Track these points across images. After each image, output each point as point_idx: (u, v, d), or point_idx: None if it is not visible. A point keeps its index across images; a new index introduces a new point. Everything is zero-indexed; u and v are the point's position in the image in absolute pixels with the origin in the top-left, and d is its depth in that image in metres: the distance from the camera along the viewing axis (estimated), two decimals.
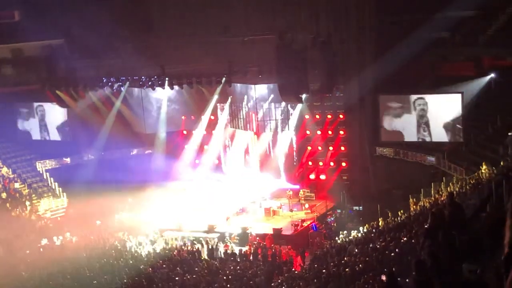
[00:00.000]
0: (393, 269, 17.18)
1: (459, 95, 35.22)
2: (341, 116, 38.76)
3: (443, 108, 35.94)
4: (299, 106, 39.47)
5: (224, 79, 39.06)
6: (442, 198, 25.04)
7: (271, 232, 33.76)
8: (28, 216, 37.43)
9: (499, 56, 35.99)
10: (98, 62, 41.43)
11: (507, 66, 35.33)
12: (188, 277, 26.40)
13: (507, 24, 34.32)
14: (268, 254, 30.37)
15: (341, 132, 38.91)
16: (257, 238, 32.96)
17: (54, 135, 45.51)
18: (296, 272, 27.45)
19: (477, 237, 10.55)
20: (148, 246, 32.97)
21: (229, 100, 41.88)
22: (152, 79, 39.85)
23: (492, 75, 35.40)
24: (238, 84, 40.29)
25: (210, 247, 32.23)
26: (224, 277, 26.31)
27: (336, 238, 31.55)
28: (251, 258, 30.43)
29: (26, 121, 45.89)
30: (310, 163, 40.33)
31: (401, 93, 37.19)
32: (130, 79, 40.89)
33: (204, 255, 31.68)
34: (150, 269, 28.21)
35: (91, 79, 41.67)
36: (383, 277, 16.12)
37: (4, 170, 41.01)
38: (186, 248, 32.08)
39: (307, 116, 39.80)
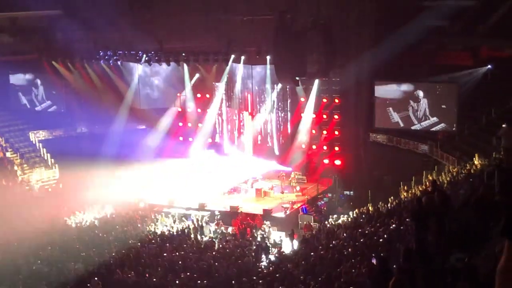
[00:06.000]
0: (381, 254, 17.31)
1: (455, 85, 35.26)
2: (336, 100, 38.68)
3: (438, 97, 35.95)
4: (295, 88, 39.43)
5: (221, 57, 38.98)
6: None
7: (261, 212, 33.86)
8: (19, 186, 37.38)
9: (497, 47, 35.94)
10: (96, 35, 41.19)
11: (505, 57, 35.31)
12: (177, 253, 26.48)
13: (508, 15, 34.19)
14: (257, 234, 30.46)
15: (336, 117, 38.84)
16: (248, 217, 33.05)
17: (48, 106, 45.27)
18: (284, 253, 27.58)
19: (466, 225, 10.60)
20: (138, 222, 32.95)
21: (225, 79, 41.81)
22: (149, 54, 39.79)
23: (489, 66, 35.38)
24: (235, 64, 40.18)
25: (199, 224, 32.28)
26: (213, 254, 26.43)
27: (326, 222, 31.65)
28: (239, 237, 30.52)
29: (21, 91, 45.58)
30: (303, 146, 40.28)
31: (397, 80, 37.12)
32: (127, 54, 40.79)
33: (193, 232, 31.69)
34: (139, 244, 28.28)
35: (87, 52, 41.59)
36: (374, 261, 16.19)
37: None
38: (175, 225, 32.18)
39: (302, 99, 39.77)
